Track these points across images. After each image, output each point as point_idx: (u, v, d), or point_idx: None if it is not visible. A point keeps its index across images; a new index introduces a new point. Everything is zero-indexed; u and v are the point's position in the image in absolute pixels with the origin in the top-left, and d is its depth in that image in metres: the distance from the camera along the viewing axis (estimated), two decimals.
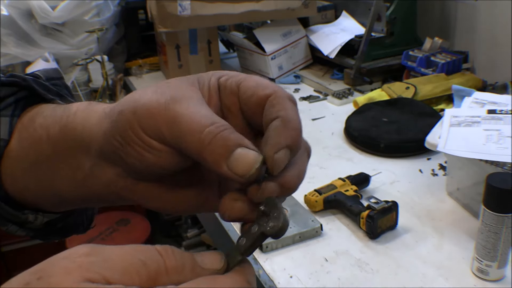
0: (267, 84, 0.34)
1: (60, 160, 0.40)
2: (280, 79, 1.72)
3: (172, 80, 0.35)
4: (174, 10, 1.55)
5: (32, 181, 0.42)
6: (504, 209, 0.71)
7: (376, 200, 0.89)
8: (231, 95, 0.35)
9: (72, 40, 1.81)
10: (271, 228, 0.30)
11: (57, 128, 0.39)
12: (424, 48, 1.57)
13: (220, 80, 0.36)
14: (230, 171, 0.30)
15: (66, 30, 1.81)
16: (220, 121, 0.31)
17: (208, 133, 0.30)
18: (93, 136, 0.36)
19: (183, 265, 0.28)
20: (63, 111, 0.40)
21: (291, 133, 0.31)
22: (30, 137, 0.41)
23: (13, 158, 0.42)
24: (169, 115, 0.31)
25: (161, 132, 0.32)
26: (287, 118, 0.32)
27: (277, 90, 0.34)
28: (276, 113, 0.32)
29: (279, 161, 0.31)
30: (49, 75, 0.47)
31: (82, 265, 0.26)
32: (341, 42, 1.63)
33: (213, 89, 0.35)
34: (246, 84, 0.35)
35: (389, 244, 0.87)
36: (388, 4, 1.60)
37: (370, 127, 1.21)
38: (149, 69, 1.97)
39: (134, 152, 0.33)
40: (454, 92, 1.23)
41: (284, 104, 0.33)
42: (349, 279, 0.80)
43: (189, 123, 0.31)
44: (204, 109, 0.32)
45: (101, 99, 1.76)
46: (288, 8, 1.66)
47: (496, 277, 0.77)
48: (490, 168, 0.83)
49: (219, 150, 0.30)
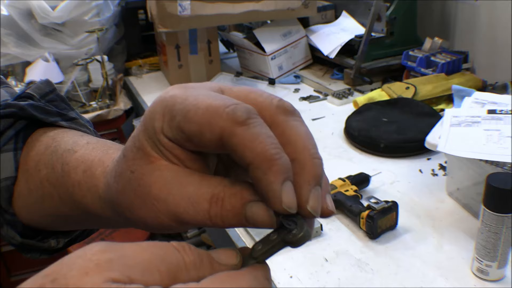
0: (205, 118, 0.28)
1: (83, 219, 0.39)
2: (280, 79, 1.72)
3: (129, 161, 0.31)
4: (174, 10, 1.55)
5: (54, 221, 0.42)
6: (504, 209, 0.71)
7: (376, 200, 0.89)
8: (187, 142, 0.30)
9: (72, 40, 1.81)
10: (292, 235, 0.28)
11: (70, 199, 0.39)
12: (424, 48, 1.57)
13: (165, 134, 0.30)
14: (256, 225, 0.29)
15: (66, 30, 1.81)
16: (209, 192, 0.29)
17: (214, 216, 0.29)
18: (109, 217, 0.36)
19: (201, 261, 0.27)
20: (63, 172, 0.39)
21: (310, 172, 0.29)
22: (39, 189, 0.41)
23: (26, 201, 0.41)
24: (170, 217, 0.30)
25: (171, 226, 0.31)
26: (302, 155, 0.29)
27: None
28: (289, 155, 0.28)
29: (314, 208, 0.29)
30: (42, 91, 0.46)
31: (99, 263, 0.24)
32: (341, 42, 1.63)
33: (169, 146, 0.30)
34: (190, 130, 0.28)
35: (389, 244, 0.87)
36: (388, 4, 1.60)
37: (370, 127, 1.21)
38: (149, 69, 1.97)
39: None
40: (454, 92, 1.23)
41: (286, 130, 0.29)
42: (349, 279, 0.80)
43: (191, 219, 0.30)
44: (189, 188, 0.30)
45: (101, 99, 1.76)
46: (288, 8, 1.66)
47: (496, 277, 0.77)
48: (490, 168, 0.83)
49: (234, 221, 0.29)
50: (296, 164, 0.29)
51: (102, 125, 1.72)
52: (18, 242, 0.43)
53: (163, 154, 0.30)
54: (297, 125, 0.29)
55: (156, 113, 0.29)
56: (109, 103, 1.74)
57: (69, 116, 0.46)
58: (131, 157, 0.31)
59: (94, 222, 0.40)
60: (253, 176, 0.28)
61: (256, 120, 0.28)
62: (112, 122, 1.74)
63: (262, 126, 0.28)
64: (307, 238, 0.29)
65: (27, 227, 0.43)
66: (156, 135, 0.30)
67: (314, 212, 0.29)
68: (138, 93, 1.77)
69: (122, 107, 1.73)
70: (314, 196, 0.29)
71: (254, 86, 1.61)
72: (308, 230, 0.29)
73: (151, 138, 0.30)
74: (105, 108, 1.72)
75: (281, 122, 0.29)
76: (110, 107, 1.73)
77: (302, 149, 0.29)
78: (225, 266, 0.28)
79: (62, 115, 0.45)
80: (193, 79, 1.77)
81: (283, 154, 0.27)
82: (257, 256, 0.29)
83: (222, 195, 0.29)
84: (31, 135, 0.43)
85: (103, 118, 1.71)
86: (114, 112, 1.72)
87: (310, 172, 0.29)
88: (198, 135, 0.28)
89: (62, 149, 0.41)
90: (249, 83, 1.62)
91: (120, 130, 1.75)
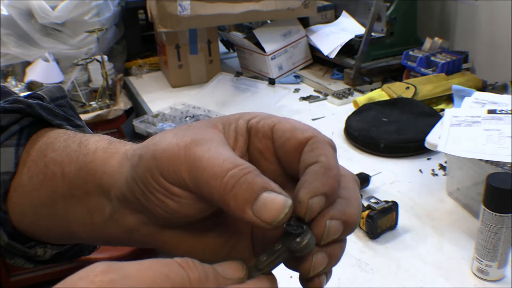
0: (305, 127, 0.32)
1: (77, 202, 0.38)
2: (280, 79, 1.72)
3: (194, 123, 0.33)
4: (174, 10, 1.55)
5: (43, 219, 0.40)
6: (504, 209, 0.71)
7: (376, 200, 0.89)
8: (263, 138, 0.32)
9: (72, 40, 1.81)
10: (296, 243, 0.28)
11: (74, 168, 0.37)
12: (424, 48, 1.57)
13: (250, 123, 0.33)
14: (256, 217, 0.28)
15: (66, 30, 1.81)
16: (243, 163, 0.29)
17: (231, 176, 0.28)
18: (114, 182, 0.35)
19: (207, 277, 0.26)
20: (79, 147, 0.38)
21: (329, 180, 0.29)
22: (41, 173, 0.39)
23: (22, 193, 0.40)
24: (189, 159, 0.29)
25: (182, 178, 0.30)
26: (328, 165, 0.30)
27: (317, 134, 0.31)
28: (316, 158, 0.30)
29: (313, 208, 0.29)
30: (53, 95, 0.45)
31: (102, 285, 0.23)
32: (341, 42, 1.63)
33: (241, 132, 0.33)
34: (282, 127, 0.32)
35: (389, 244, 0.87)
36: (388, 4, 1.60)
37: (370, 127, 1.21)
38: (149, 69, 1.97)
39: (156, 199, 0.31)
40: (454, 92, 1.23)
41: (325, 149, 0.31)
42: (349, 279, 0.80)
43: (210, 167, 0.29)
44: (226, 151, 0.30)
45: (101, 99, 1.76)
46: (288, 8, 1.66)
47: (496, 277, 0.77)
48: (490, 168, 0.83)
49: (243, 195, 0.28)
50: (343, 201, 0.30)
51: (102, 125, 1.72)
52: (5, 242, 0.41)
53: (228, 133, 0.32)
54: (333, 153, 0.32)
55: (251, 112, 0.34)
56: (109, 103, 1.74)
57: (75, 123, 0.45)
58: (196, 122, 0.34)
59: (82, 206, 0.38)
60: (316, 169, 0.30)
61: (336, 156, 0.32)
62: (112, 122, 1.74)
63: (337, 161, 0.31)
64: (310, 246, 0.28)
65: (17, 232, 0.41)
66: (238, 119, 0.33)
67: (309, 211, 0.29)
68: (138, 93, 1.77)
69: (122, 107, 1.73)
70: (318, 201, 0.29)
71: (254, 86, 1.60)
72: (312, 237, 0.28)
73: (229, 119, 0.33)
74: (105, 108, 1.72)
75: (323, 143, 0.32)
76: (110, 107, 1.73)
77: (329, 160, 0.31)
78: (231, 280, 0.27)
79: (69, 120, 0.44)
80: (193, 79, 1.77)
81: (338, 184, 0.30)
82: (262, 267, 0.29)
83: (251, 169, 0.29)
84: (36, 133, 0.42)
85: (103, 118, 1.70)
86: (114, 112, 1.72)
87: (351, 209, 0.30)
88: (289, 131, 0.32)
89: (82, 135, 0.40)
90: (249, 83, 1.62)
91: (120, 130, 1.75)
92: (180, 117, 1.48)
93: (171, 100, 1.64)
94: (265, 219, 0.28)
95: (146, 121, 1.48)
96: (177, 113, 1.50)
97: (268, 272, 0.29)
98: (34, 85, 1.74)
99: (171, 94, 1.71)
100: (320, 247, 0.29)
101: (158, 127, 1.42)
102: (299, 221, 0.29)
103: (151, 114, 1.51)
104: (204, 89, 1.64)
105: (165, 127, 1.41)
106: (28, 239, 0.42)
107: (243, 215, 0.28)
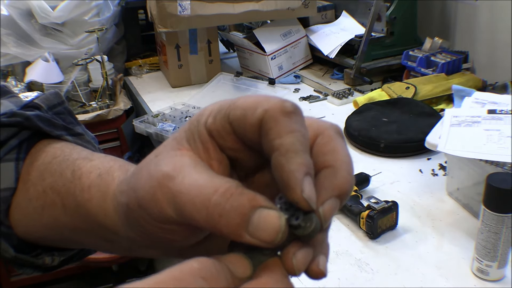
0: (254, 102, 0.28)
1: (85, 233, 0.38)
2: (280, 79, 1.72)
3: (160, 148, 0.31)
4: (174, 10, 1.55)
5: (49, 238, 0.40)
6: (504, 209, 0.71)
7: (376, 200, 0.89)
8: (227, 135, 0.30)
9: (72, 40, 1.82)
10: (303, 228, 0.27)
11: (73, 203, 0.38)
12: (424, 48, 1.57)
13: (208, 126, 0.30)
14: (255, 238, 0.26)
15: (66, 30, 1.81)
16: (221, 184, 0.27)
17: (215, 205, 0.26)
18: (118, 227, 0.35)
19: (227, 284, 0.26)
20: (72, 177, 0.38)
21: (340, 182, 0.28)
22: (40, 199, 0.39)
23: (24, 214, 0.40)
24: (168, 197, 0.28)
25: (170, 216, 0.29)
26: (339, 167, 0.28)
27: (278, 115, 0.28)
28: (329, 162, 0.28)
29: (327, 215, 0.28)
30: (51, 103, 0.45)
31: None
32: (341, 42, 1.63)
33: (205, 139, 0.30)
34: (234, 116, 0.29)
35: (389, 244, 0.87)
36: (388, 4, 1.60)
37: (370, 127, 1.21)
38: (149, 69, 1.97)
39: (160, 237, 0.31)
40: (454, 92, 1.23)
41: (336, 146, 0.29)
42: (349, 279, 0.80)
43: (190, 200, 0.27)
44: (201, 175, 0.28)
45: (101, 99, 1.76)
46: (288, 8, 1.66)
47: (496, 277, 0.77)
48: (490, 168, 0.83)
49: (234, 221, 0.26)
50: (330, 170, 0.28)
51: (102, 125, 1.72)
52: (11, 256, 0.41)
53: (195, 146, 0.30)
54: (344, 146, 0.30)
55: (205, 110, 0.30)
56: (109, 103, 1.74)
57: (75, 131, 0.45)
58: (163, 144, 0.32)
59: (93, 237, 0.39)
60: (276, 163, 0.27)
61: (299, 118, 0.28)
62: (112, 122, 1.74)
63: (301, 124, 0.28)
64: (317, 231, 0.28)
65: (22, 242, 0.41)
66: (197, 127, 0.30)
67: (323, 219, 0.28)
68: (138, 93, 1.77)
69: (122, 107, 1.73)
70: (330, 204, 0.28)
71: (254, 86, 1.61)
72: (317, 222, 0.27)
73: (191, 130, 0.30)
74: (105, 108, 1.72)
75: (333, 137, 0.30)
76: (110, 107, 1.73)
77: (342, 161, 0.29)
78: (242, 280, 0.27)
79: (68, 129, 0.44)
80: (193, 79, 1.77)
81: (309, 155, 0.27)
82: (267, 252, 0.28)
83: (232, 191, 0.27)
84: (34, 146, 0.42)
85: (103, 118, 1.70)
86: (114, 112, 1.72)
87: (340, 180, 0.28)
88: (241, 118, 0.28)
89: (75, 158, 0.40)
90: (249, 83, 1.62)
91: (120, 130, 1.75)
92: (180, 117, 1.48)
93: (171, 100, 1.64)
94: (264, 240, 0.26)
95: (146, 121, 1.48)
96: (177, 113, 1.51)
97: (273, 256, 0.28)
98: (34, 85, 1.74)
99: (171, 94, 1.71)
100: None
101: (158, 127, 1.42)
102: (291, 205, 0.28)
103: (151, 114, 1.51)
104: (204, 89, 1.64)
105: (165, 127, 1.41)
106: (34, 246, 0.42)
107: (241, 239, 0.27)
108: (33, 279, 1.95)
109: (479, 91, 1.17)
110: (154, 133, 1.41)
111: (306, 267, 0.28)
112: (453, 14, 1.66)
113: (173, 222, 0.29)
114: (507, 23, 1.44)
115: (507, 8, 1.43)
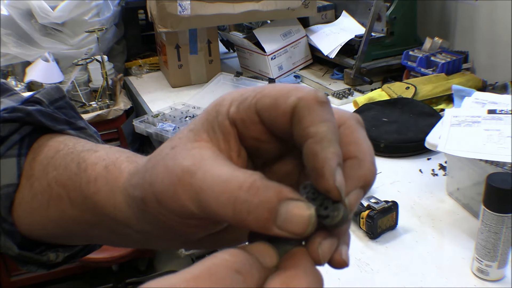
0: (287, 90, 0.28)
1: (93, 226, 0.37)
2: (280, 79, 1.72)
3: (177, 139, 0.30)
4: (174, 10, 1.55)
5: (55, 234, 0.40)
6: (504, 209, 0.71)
7: (376, 200, 0.89)
8: (252, 125, 0.29)
9: (72, 40, 1.82)
10: (331, 218, 0.27)
11: (79, 196, 0.37)
12: (424, 48, 1.57)
13: (231, 116, 0.29)
14: (283, 231, 0.26)
15: (66, 30, 1.81)
16: (245, 178, 0.26)
17: (242, 202, 0.26)
18: (130, 220, 0.34)
19: (259, 276, 0.25)
20: (78, 170, 0.37)
21: (365, 173, 0.28)
22: (45, 193, 0.38)
23: (28, 209, 0.40)
24: (191, 194, 0.27)
25: (193, 212, 0.28)
26: (363, 158, 0.29)
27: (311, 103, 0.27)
28: (353, 152, 0.29)
29: (352, 205, 0.28)
30: (52, 97, 0.44)
31: None
32: (341, 42, 1.63)
33: (227, 130, 0.29)
34: (263, 104, 0.28)
35: (389, 244, 0.87)
36: (388, 4, 1.60)
37: (370, 127, 1.21)
38: (149, 69, 1.97)
39: (175, 228, 0.30)
40: (454, 92, 1.23)
41: (359, 136, 0.29)
42: (349, 279, 0.80)
43: (214, 197, 0.26)
44: (223, 169, 0.27)
45: (101, 99, 1.76)
46: (288, 8, 1.66)
47: (496, 277, 0.77)
48: (490, 168, 0.83)
49: (262, 216, 0.25)
50: (355, 161, 0.28)
51: (102, 125, 1.72)
52: (15, 253, 0.41)
53: (215, 137, 0.29)
54: (366, 136, 0.30)
55: (224, 100, 0.29)
56: (109, 103, 1.74)
57: (78, 125, 0.44)
58: (178, 136, 0.30)
59: (100, 230, 0.38)
60: (310, 151, 0.26)
61: (330, 109, 0.28)
62: (112, 122, 1.74)
63: (332, 115, 0.28)
64: (345, 220, 0.27)
65: (26, 239, 0.41)
66: (217, 117, 0.29)
67: (349, 209, 0.28)
68: (138, 93, 1.77)
69: (122, 107, 1.74)
70: (355, 195, 0.28)
71: (254, 86, 1.60)
72: (345, 211, 0.27)
73: (209, 121, 0.29)
74: (105, 108, 1.72)
75: (355, 127, 0.30)
76: (110, 107, 1.73)
77: (366, 152, 0.29)
78: (271, 270, 0.26)
79: (71, 123, 0.44)
80: (193, 79, 1.77)
81: (339, 145, 0.28)
82: (294, 241, 0.28)
83: (258, 184, 0.26)
84: (36, 141, 0.42)
85: (103, 118, 1.71)
86: (114, 112, 1.72)
87: (365, 171, 0.28)
88: (272, 107, 0.28)
89: (79, 150, 0.39)
90: (249, 83, 1.62)
91: (120, 130, 1.76)
92: (180, 117, 1.48)
93: (171, 100, 1.64)
94: (294, 232, 0.26)
95: (146, 121, 1.48)
96: (177, 113, 1.51)
97: (300, 244, 0.28)
98: (34, 85, 1.74)
99: (171, 94, 1.71)
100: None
101: (158, 127, 1.42)
102: (318, 194, 0.27)
103: (151, 114, 1.51)
104: (204, 89, 1.64)
105: (165, 127, 1.41)
106: (38, 242, 0.42)
107: (269, 232, 0.26)
108: (33, 279, 1.95)
109: (479, 91, 1.17)
110: (154, 133, 1.41)
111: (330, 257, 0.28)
112: (453, 14, 1.66)
113: (195, 217, 0.29)
114: (507, 23, 1.44)
115: (507, 8, 1.43)
